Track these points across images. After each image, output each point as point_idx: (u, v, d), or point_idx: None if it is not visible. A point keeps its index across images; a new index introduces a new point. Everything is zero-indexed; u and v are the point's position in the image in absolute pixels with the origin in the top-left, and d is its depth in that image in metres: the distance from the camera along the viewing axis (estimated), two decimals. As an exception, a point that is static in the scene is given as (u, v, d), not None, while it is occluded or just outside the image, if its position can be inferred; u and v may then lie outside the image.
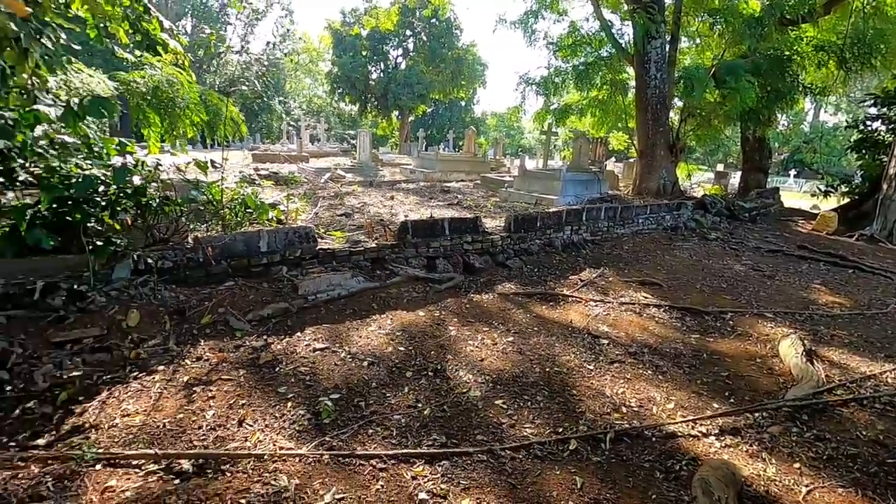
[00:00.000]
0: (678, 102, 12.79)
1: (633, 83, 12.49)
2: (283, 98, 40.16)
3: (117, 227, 4.15)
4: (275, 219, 5.24)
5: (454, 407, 3.05)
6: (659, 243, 8.24)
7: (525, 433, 2.82)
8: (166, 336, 3.51)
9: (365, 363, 3.51)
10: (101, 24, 5.09)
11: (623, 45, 12.19)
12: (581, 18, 21.18)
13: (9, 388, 2.80)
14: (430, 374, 3.45)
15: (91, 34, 5.19)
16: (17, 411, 2.65)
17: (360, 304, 4.54)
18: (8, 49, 2.96)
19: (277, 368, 3.33)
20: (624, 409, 3.16)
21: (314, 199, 8.90)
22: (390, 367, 3.50)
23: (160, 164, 3.89)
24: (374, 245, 5.30)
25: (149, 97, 7.46)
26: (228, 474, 2.29)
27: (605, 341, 4.22)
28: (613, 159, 24.81)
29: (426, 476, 2.39)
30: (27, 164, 3.66)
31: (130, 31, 5.35)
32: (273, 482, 2.24)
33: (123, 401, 2.82)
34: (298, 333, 3.86)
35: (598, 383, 3.49)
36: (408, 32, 32.50)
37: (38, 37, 2.95)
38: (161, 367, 3.19)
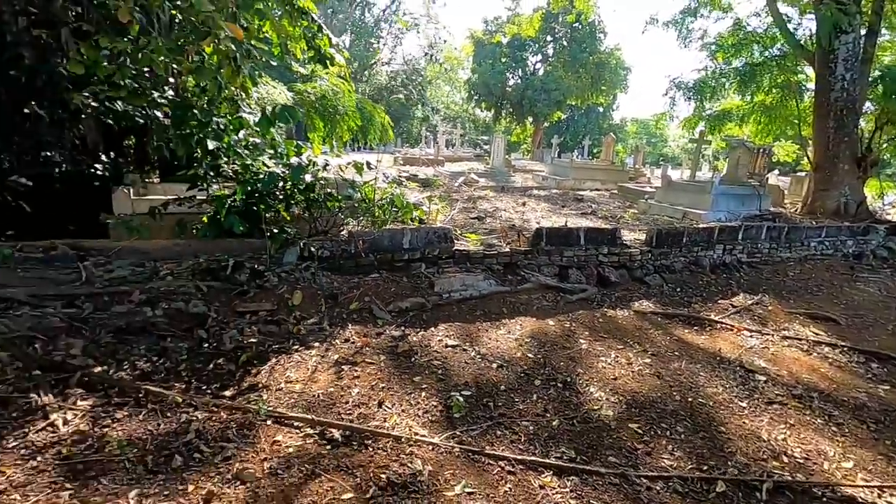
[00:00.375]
0: (871, 107, 10.76)
1: (810, 85, 10.82)
2: (424, 105, 42.52)
3: (288, 217, 4.79)
4: (417, 218, 5.59)
5: (584, 423, 2.95)
6: (836, 272, 7.02)
7: (663, 463, 2.62)
8: (321, 317, 3.94)
9: (494, 365, 3.56)
10: (283, 43, 5.90)
11: (800, 42, 10.63)
12: (747, 15, 18.91)
13: (205, 345, 3.39)
14: (559, 384, 3.38)
15: (275, 51, 6.06)
16: (211, 365, 3.19)
17: (490, 306, 4.62)
18: (226, 66, 3.59)
19: (413, 359, 3.54)
20: (784, 458, 2.76)
21: (450, 201, 9.28)
22: (518, 372, 3.51)
23: (328, 165, 4.39)
24: (507, 250, 5.35)
25: (316, 105, 8.48)
26: (370, 449, 2.51)
27: (762, 378, 3.73)
28: (776, 172, 21.76)
29: (554, 488, 2.35)
30: (228, 162, 4.40)
31: (305, 48, 6.13)
32: (409, 464, 2.40)
33: (287, 369, 3.24)
34: (432, 328, 4.05)
35: (751, 424, 3.10)
36: (548, 38, 32.17)
37: (247, 56, 3.54)
38: (316, 344, 3.60)
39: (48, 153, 4.83)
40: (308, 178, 4.47)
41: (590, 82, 30.98)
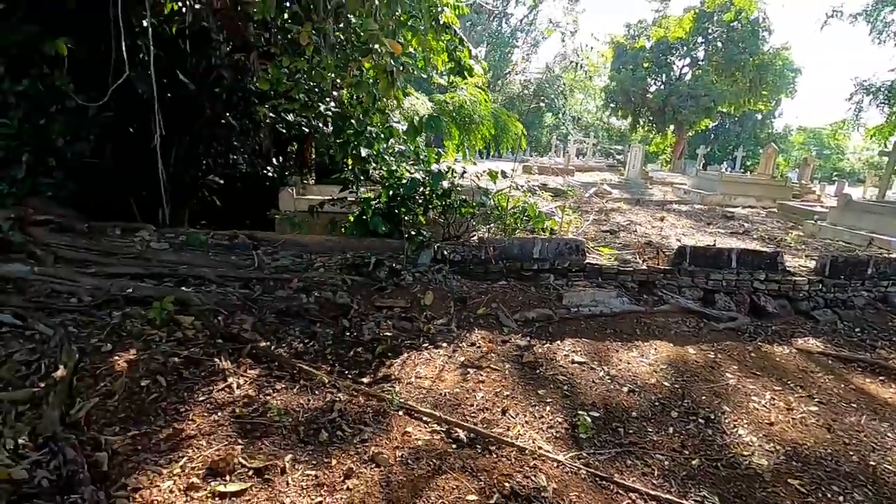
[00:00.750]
0: None
1: None
2: (557, 113, 41.84)
3: (424, 221, 5.06)
4: (549, 228, 5.51)
5: (730, 468, 2.63)
6: None
7: (834, 533, 2.23)
8: (450, 318, 4.08)
9: (624, 388, 3.35)
10: (426, 56, 6.23)
11: None
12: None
13: (347, 333, 3.71)
14: (699, 420, 3.07)
15: (419, 64, 6.42)
16: (351, 352, 3.49)
17: (621, 325, 4.36)
18: (382, 80, 3.92)
19: (538, 371, 3.49)
20: None
21: (581, 212, 8.98)
22: (652, 400, 3.26)
23: (465, 172, 4.55)
24: (643, 267, 5.01)
25: (454, 114, 8.83)
26: (494, 455, 2.52)
27: (981, 452, 2.97)
28: None
29: (693, 534, 2.13)
30: (376, 168, 4.79)
31: (446, 60, 6.42)
32: (533, 478, 2.36)
33: (417, 365, 3.41)
34: (558, 342, 3.95)
35: (964, 507, 2.49)
36: (699, 40, 29.48)
37: (402, 69, 3.83)
38: (444, 344, 3.73)
39: (234, 157, 5.73)
40: (445, 184, 4.67)
41: (747, 86, 27.69)
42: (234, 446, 2.29)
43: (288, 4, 4.41)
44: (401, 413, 2.79)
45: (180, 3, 4.44)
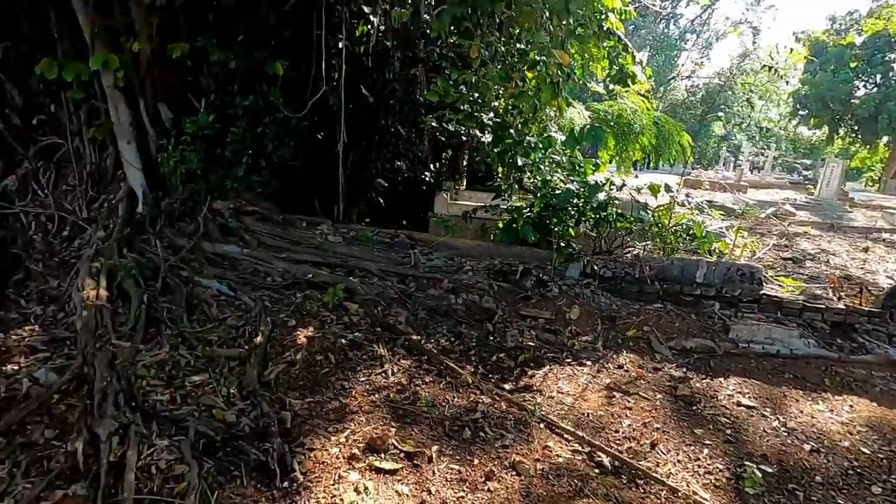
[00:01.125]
0: None
1: None
2: (728, 121, 37.38)
3: (574, 233, 4.93)
4: (717, 251, 4.96)
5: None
6: None
7: None
8: (596, 336, 3.91)
9: (806, 446, 2.86)
10: (585, 63, 6.04)
11: None
12: None
13: (491, 338, 3.80)
14: (913, 504, 2.47)
15: (578, 72, 6.26)
16: (494, 357, 3.56)
17: (804, 371, 3.72)
18: (545, 90, 3.94)
19: (695, 407, 3.16)
20: None
21: (756, 235, 7.89)
22: (845, 467, 2.72)
23: (624, 184, 4.33)
24: (840, 306, 4.22)
25: (612, 123, 8.45)
26: (641, 489, 2.36)
27: None
28: None
29: None
30: (531, 177, 4.82)
31: (606, 67, 6.15)
32: (686, 524, 2.15)
33: (560, 379, 3.34)
34: (721, 379, 3.53)
35: None
36: (936, 31, 23.71)
37: (567, 79, 3.80)
38: (588, 363, 3.59)
39: (399, 163, 6.27)
40: (601, 196, 4.50)
41: None
42: (389, 428, 2.50)
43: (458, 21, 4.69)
44: (542, 426, 2.77)
45: (368, 26, 5.02)
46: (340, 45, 4.70)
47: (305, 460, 2.24)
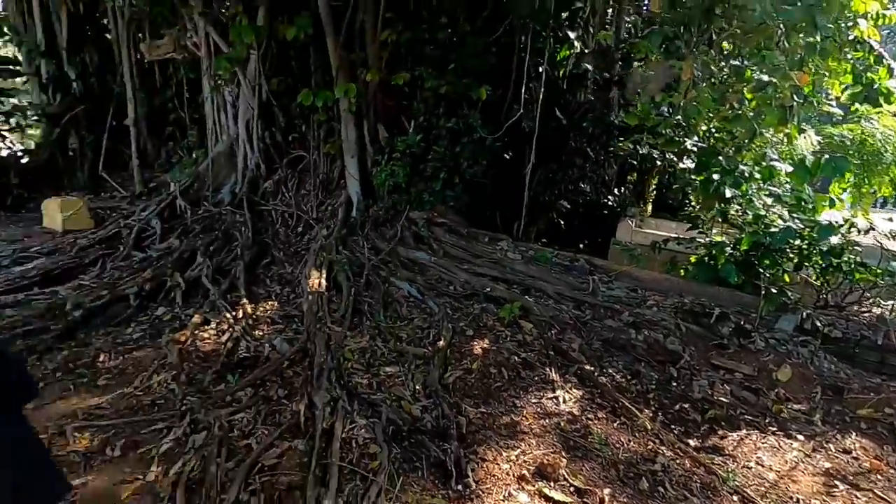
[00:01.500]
0: None
1: None
2: None
3: (788, 279, 4.19)
4: None
5: None
6: None
7: None
8: (813, 408, 3.26)
9: None
10: (818, 79, 5.05)
11: None
12: None
13: (674, 383, 3.45)
14: None
15: (806, 89, 5.28)
16: (677, 406, 3.21)
17: None
18: (771, 114, 3.44)
19: (963, 529, 2.40)
20: None
21: None
22: None
23: (872, 227, 3.53)
24: None
25: (851, 151, 6.95)
26: None
27: None
28: None
29: None
30: (739, 210, 4.26)
31: (850, 83, 5.05)
32: None
33: (760, 449, 2.87)
34: None
35: None
36: None
37: (803, 102, 3.26)
38: (800, 437, 3.01)
39: (584, 185, 6.14)
40: (835, 239, 3.75)
41: None
42: (560, 457, 2.46)
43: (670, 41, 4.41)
44: (735, 498, 2.41)
45: (571, 50, 5.06)
46: (541, 69, 4.84)
47: (478, 469, 2.34)
